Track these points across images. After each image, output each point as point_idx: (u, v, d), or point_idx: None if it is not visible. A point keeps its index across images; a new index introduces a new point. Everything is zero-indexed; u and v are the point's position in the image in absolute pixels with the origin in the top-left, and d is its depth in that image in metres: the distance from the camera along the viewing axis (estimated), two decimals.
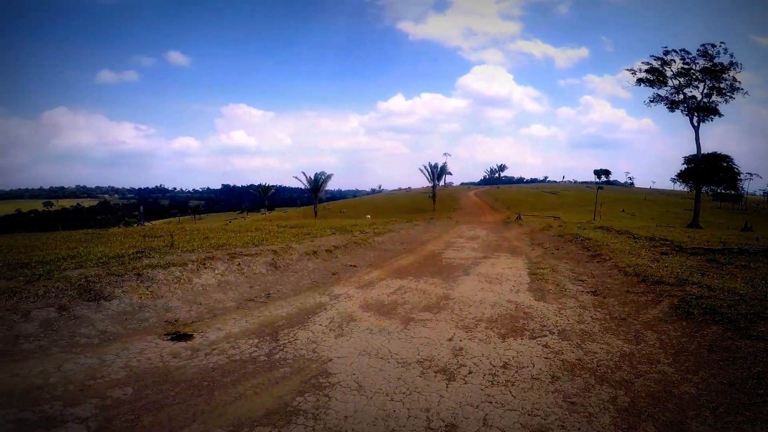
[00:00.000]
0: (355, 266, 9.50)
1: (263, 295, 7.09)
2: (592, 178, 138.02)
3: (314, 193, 55.57)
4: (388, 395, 3.75)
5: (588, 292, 7.47)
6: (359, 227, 15.25)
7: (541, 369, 4.35)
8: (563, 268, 9.86)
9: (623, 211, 46.50)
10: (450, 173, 66.64)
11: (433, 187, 57.63)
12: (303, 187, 57.27)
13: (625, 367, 4.37)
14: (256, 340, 5.08)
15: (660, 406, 3.61)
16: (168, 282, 6.53)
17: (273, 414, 3.46)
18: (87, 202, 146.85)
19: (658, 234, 14.87)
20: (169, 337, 5.09)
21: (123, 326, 5.34)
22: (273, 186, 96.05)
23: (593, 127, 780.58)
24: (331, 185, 62.09)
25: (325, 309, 6.42)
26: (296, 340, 5.11)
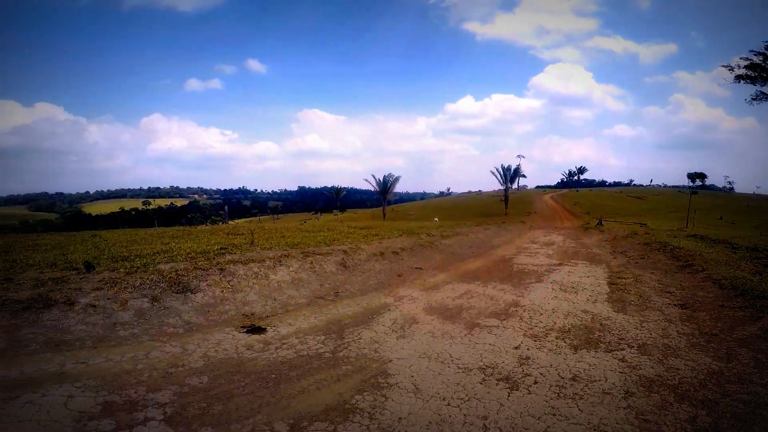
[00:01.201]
0: (420, 269, 9.48)
1: (332, 293, 7.32)
2: (685, 181, 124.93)
3: (383, 196, 56.31)
4: (445, 400, 3.70)
5: (675, 305, 6.77)
6: (426, 230, 15.20)
7: (614, 383, 4.05)
8: (648, 278, 9.02)
9: (721, 218, 41.09)
10: (524, 176, 63.44)
11: (506, 190, 55.32)
12: (372, 189, 58.33)
13: (710, 386, 3.94)
14: (323, 337, 5.26)
15: (746, 429, 3.23)
16: (247, 277, 7.00)
17: (332, 410, 3.55)
18: (179, 202, 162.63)
19: (762, 244, 12.99)
20: (244, 330, 5.44)
21: (205, 317, 5.81)
22: (344, 188, 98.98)
23: (686, 127, 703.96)
24: (399, 188, 62.48)
25: (389, 310, 6.47)
26: (360, 339, 5.20)
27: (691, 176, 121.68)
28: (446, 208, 61.05)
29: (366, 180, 60.54)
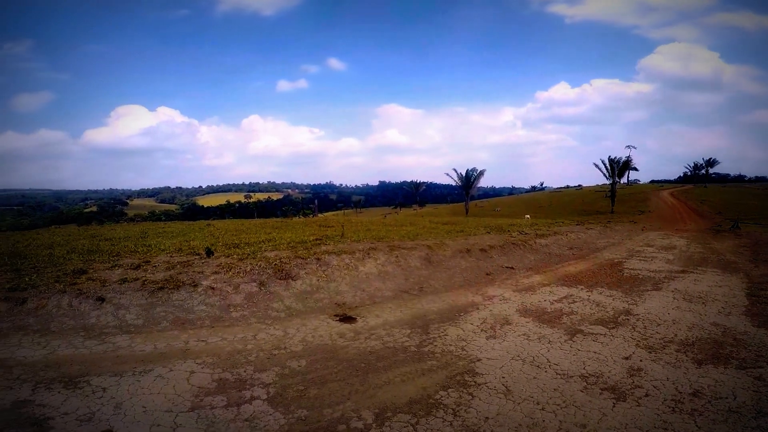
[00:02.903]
0: (512, 268, 9.16)
1: (417, 288, 7.45)
2: None
3: (465, 190, 54.82)
4: (539, 404, 3.60)
5: None
6: (517, 227, 14.56)
7: (744, 402, 3.64)
8: None
9: None
10: (635, 168, 56.37)
11: (612, 184, 49.39)
12: (454, 183, 57.04)
13: None
14: (408, 331, 5.38)
15: None
16: (339, 268, 7.43)
17: (415, 403, 3.62)
18: (275, 196, 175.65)
19: None
20: (337, 319, 5.80)
21: (303, 304, 6.29)
22: (424, 183, 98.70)
23: None
24: (484, 182, 60.17)
25: (477, 309, 6.40)
26: (446, 335, 5.23)
27: None
28: (539, 204, 57.19)
29: (447, 174, 59.68)
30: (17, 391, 3.64)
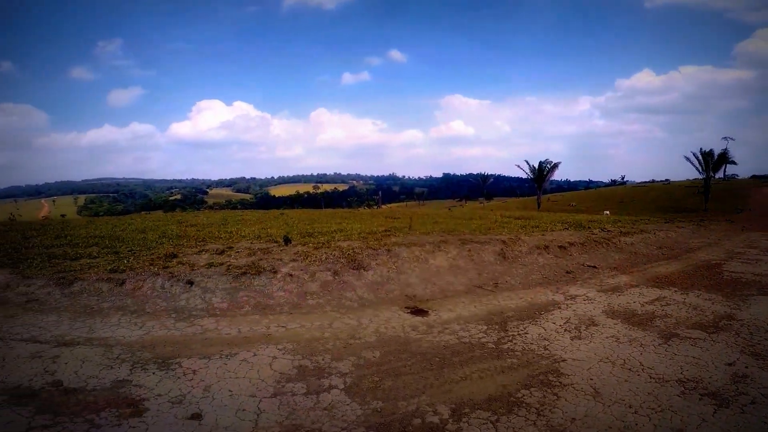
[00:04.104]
0: (595, 267, 8.55)
1: (491, 283, 7.17)
2: None
3: (538, 183, 52.32)
4: (632, 407, 3.44)
5: None
6: (598, 223, 13.54)
7: None
8: None
9: None
10: (733, 162, 49.69)
11: (706, 179, 43.97)
12: (524, 176, 54.67)
13: None
14: (485, 327, 5.22)
15: None
16: (410, 260, 7.35)
17: (495, 401, 3.52)
18: (340, 187, 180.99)
19: None
20: (409, 311, 5.74)
21: (375, 295, 6.31)
22: (491, 175, 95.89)
23: None
24: (558, 175, 57.07)
25: (559, 308, 6.08)
26: (526, 333, 5.05)
27: None
28: (621, 199, 52.97)
29: (518, 166, 57.35)
30: (117, 371, 3.87)
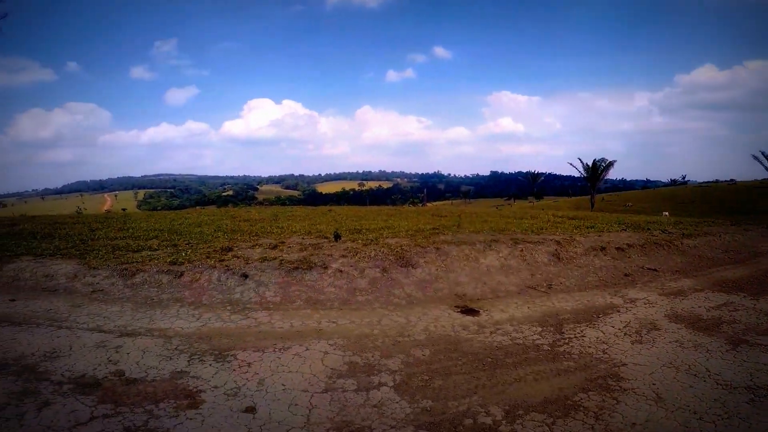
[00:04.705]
0: (655, 270, 8.06)
1: (544, 284, 6.93)
2: None
3: (591, 182, 50.06)
4: (696, 413, 3.34)
5: None
6: (658, 225, 12.72)
7: None
8: None
9: None
10: None
11: None
12: (577, 175, 52.48)
13: None
14: (539, 329, 5.07)
15: None
16: (459, 258, 7.24)
17: (550, 403, 3.43)
18: (385, 184, 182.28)
19: None
20: (459, 310, 5.66)
21: (423, 293, 6.27)
22: (542, 173, 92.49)
23: None
24: (613, 173, 54.14)
25: (618, 311, 5.81)
26: (583, 336, 4.88)
27: None
28: (680, 199, 49.43)
29: (570, 164, 54.99)
30: (175, 362, 3.99)
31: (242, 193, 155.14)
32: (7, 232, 8.90)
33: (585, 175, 50.39)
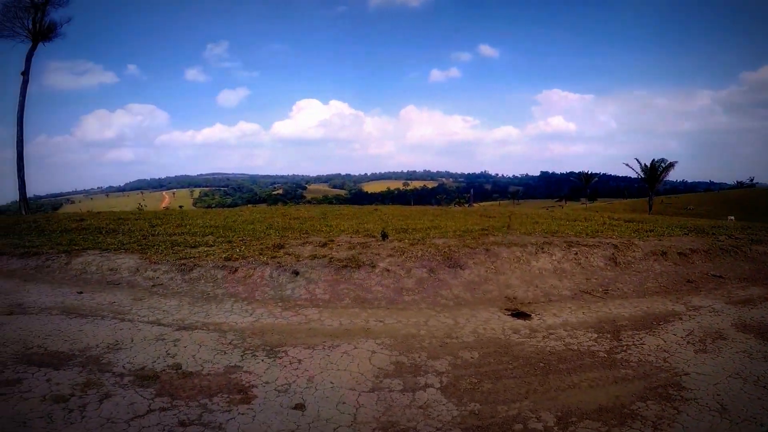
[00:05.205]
0: (721, 277, 7.53)
1: (600, 289, 6.67)
2: None
3: (650, 184, 47.25)
4: (764, 426, 3.21)
5: None
6: (724, 230, 11.81)
7: None
8: None
9: None
10: None
11: None
12: (633, 176, 49.72)
13: None
14: (595, 335, 4.90)
15: None
16: (509, 260, 7.10)
17: (606, 411, 3.33)
18: (430, 184, 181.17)
19: None
20: (509, 313, 5.57)
21: (471, 294, 6.21)
22: (595, 174, 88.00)
23: None
24: (673, 175, 50.82)
25: (681, 319, 5.52)
26: (642, 344, 4.68)
27: None
28: (748, 203, 45.71)
29: (627, 165, 52.05)
30: (229, 356, 4.08)
31: (291, 191, 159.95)
32: (76, 227, 9.63)
33: (642, 176, 47.70)
